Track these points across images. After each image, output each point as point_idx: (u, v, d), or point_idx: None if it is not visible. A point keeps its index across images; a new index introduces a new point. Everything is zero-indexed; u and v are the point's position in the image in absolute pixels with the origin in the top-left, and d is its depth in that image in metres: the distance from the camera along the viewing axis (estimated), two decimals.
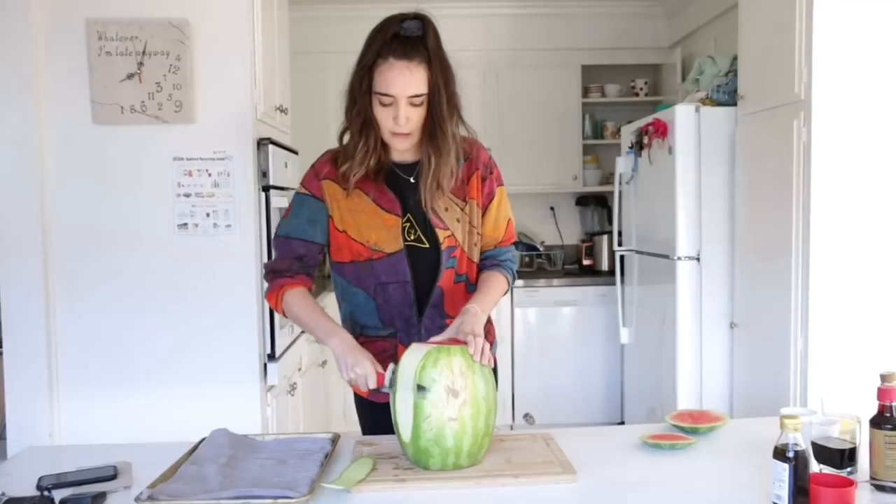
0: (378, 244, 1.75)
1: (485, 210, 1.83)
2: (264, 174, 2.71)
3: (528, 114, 4.74)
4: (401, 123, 1.67)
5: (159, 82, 2.55)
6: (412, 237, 1.76)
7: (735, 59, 3.33)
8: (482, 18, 4.70)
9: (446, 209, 1.77)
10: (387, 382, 1.58)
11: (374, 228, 1.75)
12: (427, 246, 1.76)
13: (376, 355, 1.73)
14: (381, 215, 1.75)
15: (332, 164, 1.79)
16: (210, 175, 2.61)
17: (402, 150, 1.75)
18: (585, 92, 4.88)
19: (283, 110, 3.13)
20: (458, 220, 1.78)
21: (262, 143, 2.71)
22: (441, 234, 1.76)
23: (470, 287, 1.83)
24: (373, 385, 1.60)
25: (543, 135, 4.78)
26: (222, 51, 2.61)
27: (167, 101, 2.56)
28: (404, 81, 1.64)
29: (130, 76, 2.55)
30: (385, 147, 1.75)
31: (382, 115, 1.68)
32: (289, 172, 3.03)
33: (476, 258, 1.84)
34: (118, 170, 2.60)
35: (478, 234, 1.82)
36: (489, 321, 1.93)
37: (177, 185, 2.61)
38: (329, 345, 1.69)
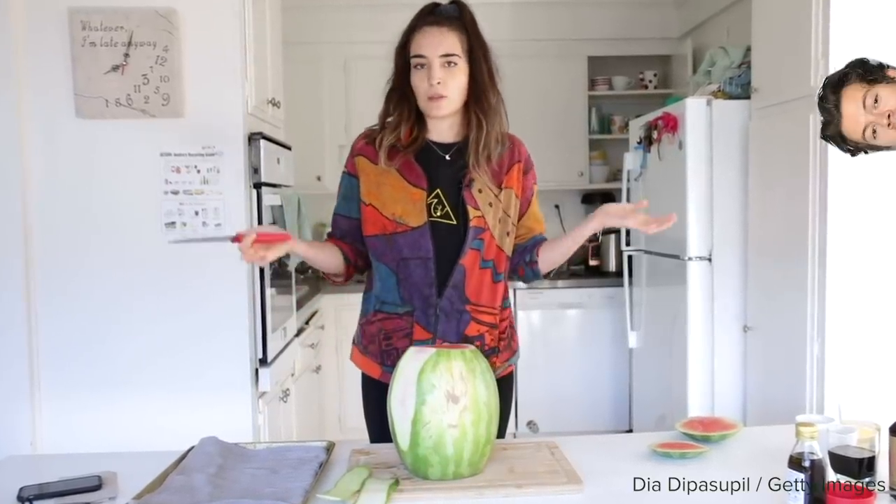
0: (402, 217, 1.81)
1: (529, 203, 1.94)
2: (256, 171, 2.71)
3: (531, 107, 4.73)
4: (433, 83, 1.77)
5: (146, 74, 2.55)
6: (439, 213, 1.82)
7: (748, 50, 3.33)
8: (483, 7, 4.64)
9: (480, 191, 1.83)
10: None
11: (399, 201, 1.82)
12: (455, 223, 1.83)
13: (393, 333, 1.84)
14: (406, 189, 1.82)
15: (366, 139, 1.90)
16: (199, 171, 2.61)
17: (439, 115, 1.82)
18: (592, 84, 4.88)
19: (275, 104, 3.12)
20: (490, 205, 1.84)
21: (253, 139, 2.70)
22: (472, 213, 1.82)
23: (497, 276, 1.88)
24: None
25: (548, 129, 4.77)
26: (212, 41, 2.61)
27: (154, 94, 2.55)
28: (436, 42, 1.78)
29: (115, 68, 2.54)
30: (422, 122, 1.85)
31: (418, 81, 1.80)
32: (281, 168, 3.03)
33: (507, 249, 1.90)
34: (103, 166, 2.60)
35: (512, 224, 1.89)
36: (513, 327, 1.99)
37: (164, 181, 2.60)
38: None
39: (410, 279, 1.83)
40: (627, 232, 4.12)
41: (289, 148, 3.23)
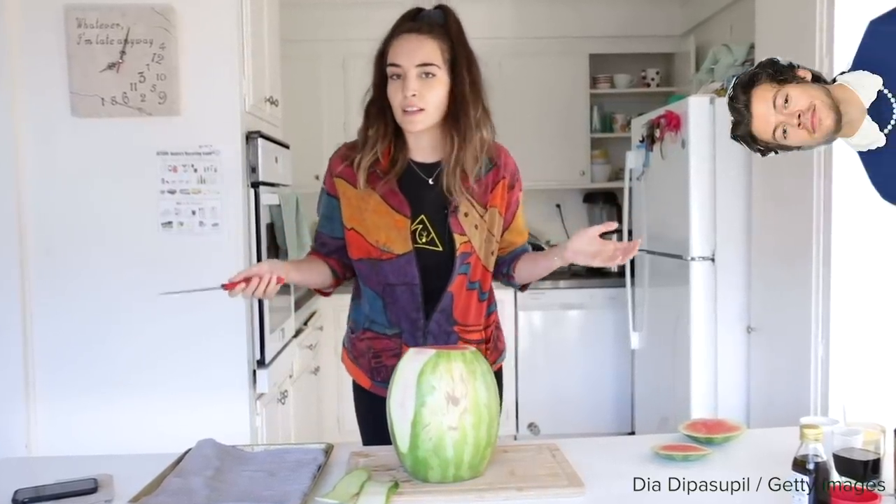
0: (387, 245, 1.78)
1: (513, 218, 1.89)
2: (253, 170, 2.71)
3: (532, 106, 4.74)
4: (408, 95, 1.70)
5: (142, 72, 2.55)
6: (424, 240, 1.79)
7: (752, 47, 3.33)
8: (484, 4, 4.70)
9: (466, 214, 1.80)
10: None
11: (383, 228, 1.78)
12: (441, 249, 1.79)
13: (381, 352, 1.82)
14: (391, 215, 1.78)
15: (344, 160, 1.84)
16: (196, 171, 2.61)
17: (414, 130, 1.75)
18: (594, 82, 4.88)
19: (273, 102, 3.13)
20: (476, 227, 1.81)
21: (251, 137, 2.71)
22: (458, 239, 1.79)
23: (482, 296, 1.87)
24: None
25: (549, 128, 4.78)
26: (209, 39, 2.61)
27: (150, 92, 2.56)
28: (412, 49, 1.70)
29: (112, 66, 2.55)
30: (401, 139, 1.79)
31: (393, 91, 1.73)
32: (279, 167, 3.03)
33: (491, 267, 1.88)
34: (99, 165, 2.60)
35: (496, 242, 1.86)
36: (499, 328, 1.98)
37: (161, 181, 2.61)
38: None
39: (397, 304, 1.81)
40: (630, 231, 4.12)
41: (287, 147, 3.23)
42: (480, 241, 1.82)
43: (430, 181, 1.81)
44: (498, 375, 1.97)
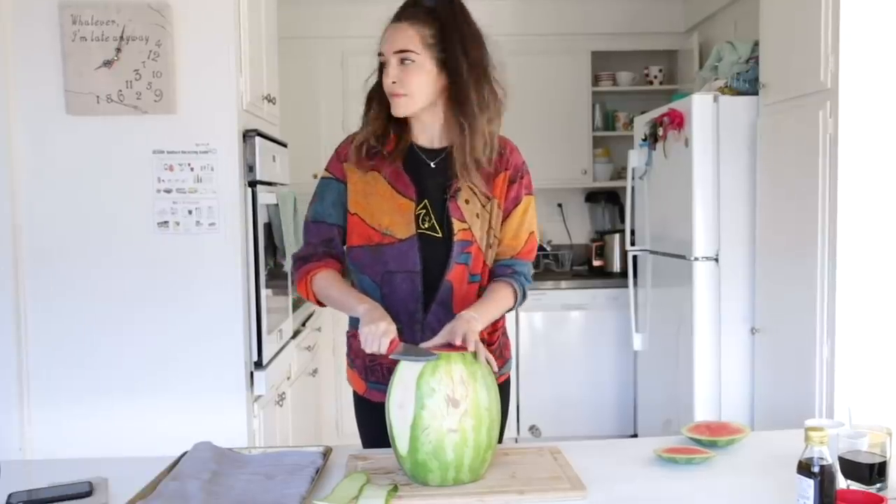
0: (390, 229, 1.78)
1: (507, 215, 1.86)
2: (251, 168, 2.71)
3: (534, 104, 4.73)
4: (390, 82, 1.75)
5: (138, 70, 2.55)
6: (426, 225, 1.79)
7: (756, 44, 3.33)
8: (485, 1, 4.70)
9: (467, 201, 1.80)
10: (398, 350, 1.57)
11: (387, 212, 1.79)
12: (440, 236, 1.79)
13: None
14: (395, 198, 1.79)
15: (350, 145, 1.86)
16: (192, 169, 2.61)
17: (398, 114, 1.79)
18: (596, 80, 4.88)
19: (270, 100, 3.13)
20: (477, 216, 1.81)
21: (248, 135, 2.71)
22: (457, 226, 1.78)
23: (483, 291, 1.84)
24: (383, 348, 1.57)
25: (550, 126, 4.77)
26: (206, 36, 2.61)
27: (146, 89, 2.56)
28: (390, 37, 1.76)
29: (107, 63, 2.55)
30: (408, 127, 1.82)
31: (383, 78, 1.78)
32: (277, 166, 3.03)
33: (491, 262, 1.86)
34: (94, 164, 2.60)
35: (495, 236, 1.84)
36: (505, 335, 1.95)
37: (157, 180, 2.61)
38: (358, 313, 1.69)
39: (396, 294, 1.79)
40: (632, 231, 4.12)
41: (284, 145, 3.23)
42: (482, 231, 1.81)
43: (433, 164, 1.82)
44: (505, 387, 1.93)
